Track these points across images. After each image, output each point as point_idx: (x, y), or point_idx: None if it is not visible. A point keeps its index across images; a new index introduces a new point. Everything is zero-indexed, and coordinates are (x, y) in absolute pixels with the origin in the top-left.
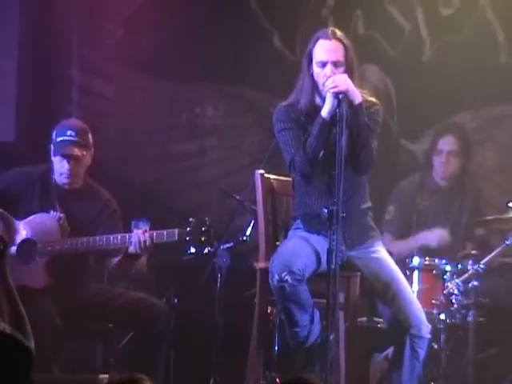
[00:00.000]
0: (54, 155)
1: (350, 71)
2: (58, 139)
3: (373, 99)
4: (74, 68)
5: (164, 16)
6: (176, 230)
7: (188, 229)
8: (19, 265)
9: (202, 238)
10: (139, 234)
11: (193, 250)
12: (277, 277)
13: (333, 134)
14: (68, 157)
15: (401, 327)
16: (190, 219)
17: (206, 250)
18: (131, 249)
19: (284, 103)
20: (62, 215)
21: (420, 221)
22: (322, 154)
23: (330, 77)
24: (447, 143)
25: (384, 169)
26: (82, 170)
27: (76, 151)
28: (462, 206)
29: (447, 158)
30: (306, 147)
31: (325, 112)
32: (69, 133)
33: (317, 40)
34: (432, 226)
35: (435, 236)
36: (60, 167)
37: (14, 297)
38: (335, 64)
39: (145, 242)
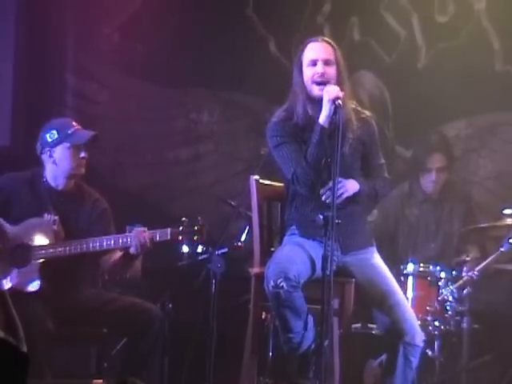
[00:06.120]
0: (65, 150)
1: (340, 73)
2: (69, 131)
3: (365, 114)
4: (69, 73)
5: (159, 22)
6: (168, 229)
7: (181, 228)
8: (13, 269)
9: (195, 237)
10: (138, 234)
11: (186, 249)
12: (272, 283)
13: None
14: (85, 145)
15: (395, 335)
16: (183, 219)
17: (199, 249)
18: (132, 250)
19: (274, 119)
20: (56, 218)
21: (412, 231)
22: (323, 162)
23: (321, 73)
24: (436, 161)
25: None
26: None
27: (92, 134)
28: (453, 214)
29: (437, 175)
30: (308, 157)
31: (322, 119)
32: (74, 124)
33: (306, 45)
34: (424, 235)
35: None
36: (74, 159)
37: (7, 302)
38: (326, 62)
39: (144, 240)
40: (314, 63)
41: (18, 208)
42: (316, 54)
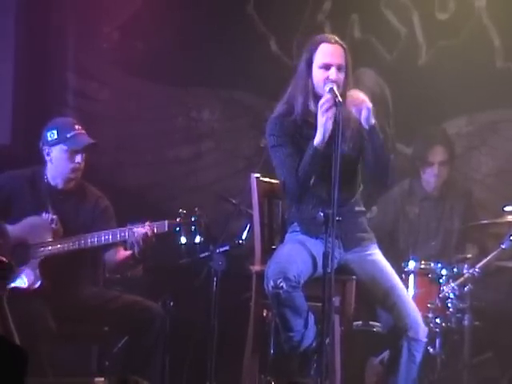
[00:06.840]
0: (62, 152)
1: (347, 75)
2: (69, 135)
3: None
4: (69, 71)
5: (160, 20)
6: (166, 221)
7: (178, 219)
8: (16, 268)
9: (193, 228)
10: (138, 230)
11: (184, 240)
12: (272, 283)
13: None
14: (84, 149)
15: (398, 330)
16: (180, 210)
17: (197, 239)
18: (137, 249)
19: (275, 114)
20: (54, 217)
21: (412, 229)
22: (312, 180)
23: (334, 80)
24: (438, 154)
25: None
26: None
27: (90, 142)
28: (453, 211)
29: (439, 169)
30: (299, 171)
31: (317, 141)
32: (77, 127)
33: (319, 44)
34: (425, 232)
35: None
36: (69, 163)
37: (3, 308)
38: (338, 67)
39: (145, 234)
40: (327, 67)
41: (19, 206)
42: (330, 58)
